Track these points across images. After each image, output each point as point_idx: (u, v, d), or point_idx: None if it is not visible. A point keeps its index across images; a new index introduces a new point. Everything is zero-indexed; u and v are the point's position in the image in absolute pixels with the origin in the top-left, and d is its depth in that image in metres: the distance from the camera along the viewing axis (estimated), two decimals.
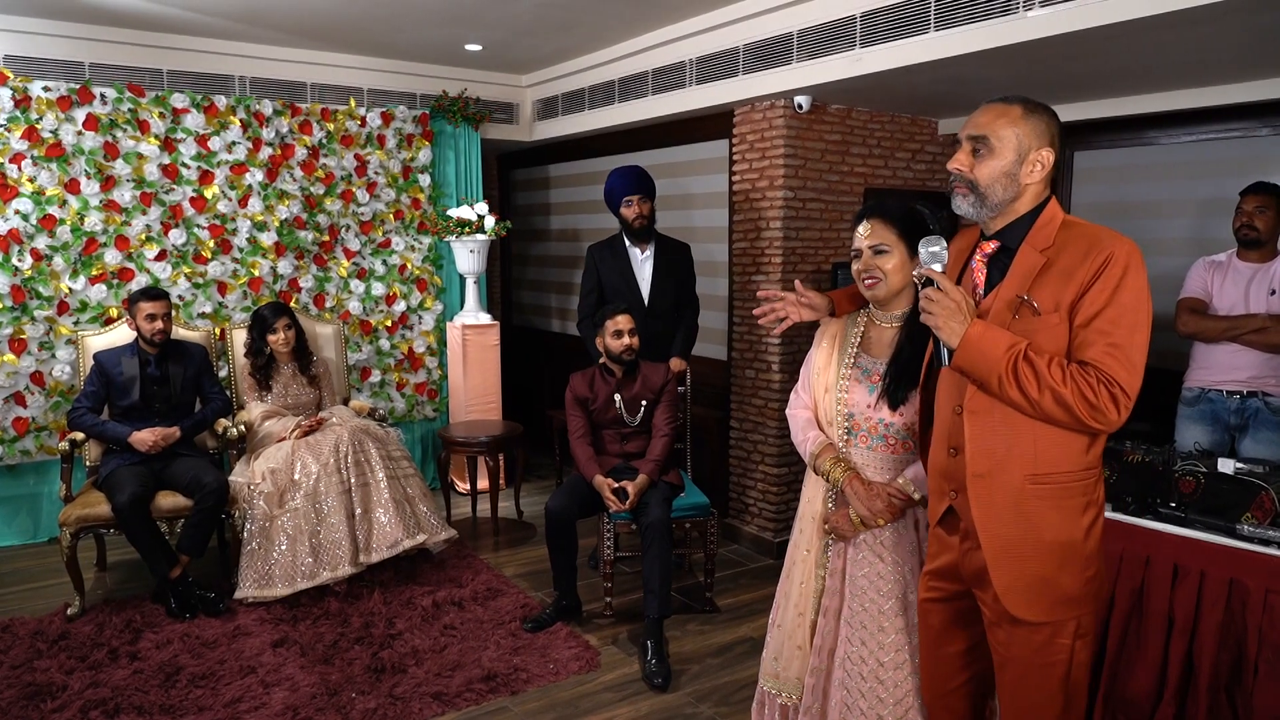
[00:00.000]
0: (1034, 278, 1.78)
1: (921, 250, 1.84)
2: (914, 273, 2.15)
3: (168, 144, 4.73)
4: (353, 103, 5.25)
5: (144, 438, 3.77)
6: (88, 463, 4.02)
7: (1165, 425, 3.67)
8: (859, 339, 2.29)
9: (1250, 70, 3.55)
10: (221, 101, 4.84)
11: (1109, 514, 2.40)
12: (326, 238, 5.21)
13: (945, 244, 1.84)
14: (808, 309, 2.35)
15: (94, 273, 4.58)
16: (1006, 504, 1.81)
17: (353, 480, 3.90)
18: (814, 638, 2.27)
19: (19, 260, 4.40)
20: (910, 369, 2.16)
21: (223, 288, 4.92)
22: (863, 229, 2.21)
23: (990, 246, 1.88)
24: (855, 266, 2.23)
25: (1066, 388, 1.69)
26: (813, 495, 2.35)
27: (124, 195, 4.62)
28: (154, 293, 3.92)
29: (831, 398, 2.28)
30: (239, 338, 4.45)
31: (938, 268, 1.82)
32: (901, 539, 2.21)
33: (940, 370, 1.92)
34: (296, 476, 3.85)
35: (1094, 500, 1.83)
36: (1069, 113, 4.32)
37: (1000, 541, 1.81)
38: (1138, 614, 2.48)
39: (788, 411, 2.42)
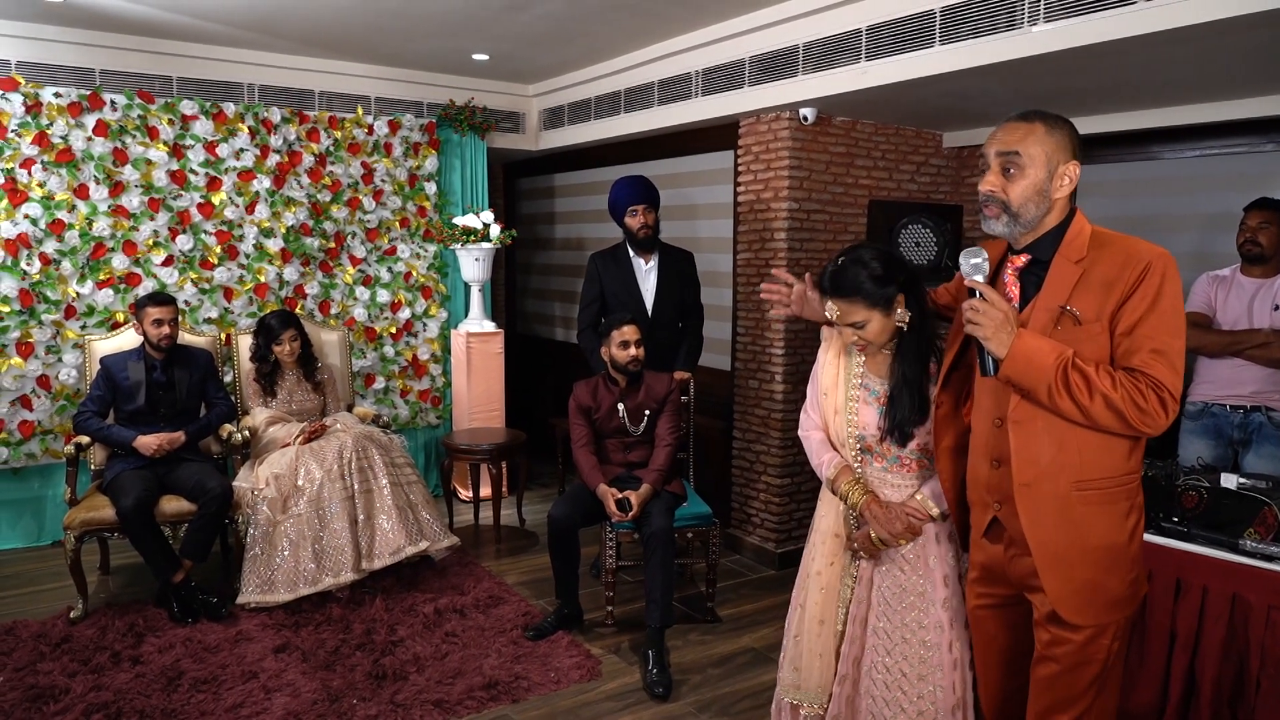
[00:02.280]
0: (1072, 288, 1.81)
1: (963, 263, 1.85)
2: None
3: (176, 150, 4.76)
4: (360, 111, 5.28)
5: (149, 442, 3.79)
6: (93, 466, 4.03)
7: (1168, 439, 3.67)
8: (863, 358, 2.30)
9: (1254, 86, 3.56)
10: (230, 108, 4.87)
11: None
12: (332, 244, 5.24)
13: (985, 255, 1.85)
14: (811, 309, 2.36)
15: (101, 277, 4.60)
16: (1053, 511, 1.83)
17: (356, 486, 3.91)
18: (842, 646, 2.29)
19: (28, 264, 4.43)
20: (910, 401, 2.17)
21: (229, 293, 4.94)
22: (830, 310, 2.17)
23: (1021, 260, 1.90)
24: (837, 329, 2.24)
25: (1117, 393, 1.72)
26: (826, 511, 2.37)
27: (132, 201, 4.64)
28: (161, 298, 3.94)
29: (842, 420, 2.29)
30: (244, 343, 4.47)
31: (979, 279, 1.83)
32: (922, 554, 2.22)
33: (976, 385, 1.94)
34: (300, 482, 3.86)
35: (1136, 504, 1.87)
36: None
37: (1050, 549, 1.84)
38: (1140, 629, 2.48)
39: (800, 433, 2.42)
